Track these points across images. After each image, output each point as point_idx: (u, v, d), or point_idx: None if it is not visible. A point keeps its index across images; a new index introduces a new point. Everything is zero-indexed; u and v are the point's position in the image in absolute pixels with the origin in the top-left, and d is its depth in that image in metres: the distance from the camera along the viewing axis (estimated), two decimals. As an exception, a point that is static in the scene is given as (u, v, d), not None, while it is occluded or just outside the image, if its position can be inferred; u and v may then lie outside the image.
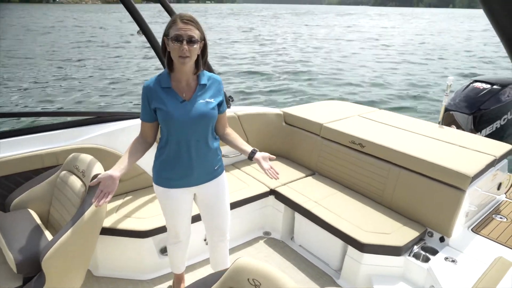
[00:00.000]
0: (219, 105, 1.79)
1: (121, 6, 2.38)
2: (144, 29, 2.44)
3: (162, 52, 1.68)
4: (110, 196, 1.54)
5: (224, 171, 1.95)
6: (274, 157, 1.82)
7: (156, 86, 1.69)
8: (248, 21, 48.60)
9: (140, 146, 1.76)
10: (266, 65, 15.34)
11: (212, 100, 1.74)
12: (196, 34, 1.59)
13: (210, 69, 2.80)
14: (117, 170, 1.60)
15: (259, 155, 1.79)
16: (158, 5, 2.56)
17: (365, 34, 31.36)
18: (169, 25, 1.61)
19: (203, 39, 1.66)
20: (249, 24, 42.42)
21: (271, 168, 1.77)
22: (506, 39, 0.52)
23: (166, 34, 1.62)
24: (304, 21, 52.29)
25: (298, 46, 21.98)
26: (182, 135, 1.71)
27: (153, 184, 1.86)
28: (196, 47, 1.61)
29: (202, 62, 1.70)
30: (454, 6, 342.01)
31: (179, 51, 1.57)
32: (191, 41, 1.57)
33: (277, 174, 1.77)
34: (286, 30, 34.60)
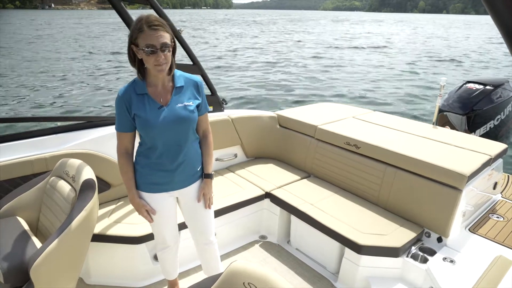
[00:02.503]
0: (198, 107, 1.74)
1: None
2: None
3: (131, 60, 1.59)
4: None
5: None
6: (209, 208, 1.91)
7: (131, 93, 1.62)
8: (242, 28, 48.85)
9: (132, 164, 1.76)
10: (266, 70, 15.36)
11: (190, 102, 1.69)
12: (167, 38, 1.53)
13: (200, 68, 2.79)
14: (136, 195, 1.77)
15: (208, 184, 1.86)
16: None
17: (361, 40, 31.56)
18: (136, 32, 1.50)
19: (173, 38, 1.59)
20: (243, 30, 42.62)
21: (207, 197, 1.87)
22: (507, 35, 0.50)
23: (134, 43, 1.52)
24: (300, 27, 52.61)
25: (296, 51, 22.02)
26: (163, 140, 1.67)
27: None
28: (170, 51, 1.55)
29: (173, 61, 1.63)
30: (447, 12, 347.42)
31: (155, 61, 1.51)
32: (165, 47, 1.51)
33: (210, 203, 1.90)
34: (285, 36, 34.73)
